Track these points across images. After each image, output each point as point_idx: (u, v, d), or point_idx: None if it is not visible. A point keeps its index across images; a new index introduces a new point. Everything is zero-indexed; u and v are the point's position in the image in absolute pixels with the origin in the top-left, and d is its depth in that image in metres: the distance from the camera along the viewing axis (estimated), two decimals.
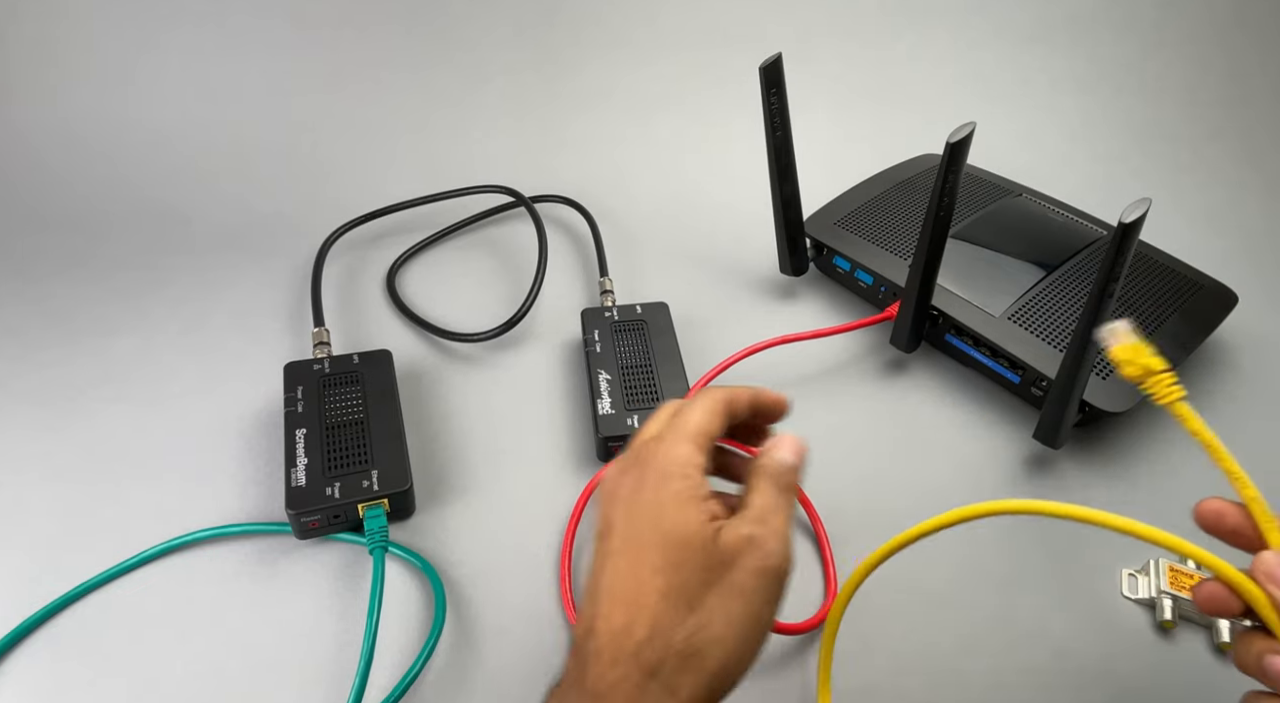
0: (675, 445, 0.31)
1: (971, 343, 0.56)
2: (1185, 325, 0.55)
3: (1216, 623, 0.43)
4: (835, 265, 0.63)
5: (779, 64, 0.52)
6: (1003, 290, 0.56)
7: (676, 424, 0.32)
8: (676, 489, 0.30)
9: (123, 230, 0.69)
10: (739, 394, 0.34)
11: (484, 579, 0.46)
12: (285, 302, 0.63)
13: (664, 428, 0.33)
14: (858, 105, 0.83)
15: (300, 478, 0.46)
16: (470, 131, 0.80)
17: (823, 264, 0.65)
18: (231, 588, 0.45)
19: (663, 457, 0.31)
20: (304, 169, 0.75)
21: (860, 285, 0.62)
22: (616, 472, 0.32)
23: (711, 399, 0.33)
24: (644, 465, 0.31)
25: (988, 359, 0.55)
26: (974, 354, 0.56)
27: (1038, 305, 0.55)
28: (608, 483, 0.32)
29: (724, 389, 0.34)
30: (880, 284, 0.60)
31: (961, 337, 0.56)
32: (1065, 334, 0.53)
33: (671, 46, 0.82)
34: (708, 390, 0.34)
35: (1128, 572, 0.46)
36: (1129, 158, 0.79)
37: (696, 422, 0.32)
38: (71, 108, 0.75)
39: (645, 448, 0.32)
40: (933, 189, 0.48)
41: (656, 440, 0.32)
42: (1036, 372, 0.52)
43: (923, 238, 0.50)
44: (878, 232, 0.62)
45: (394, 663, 0.41)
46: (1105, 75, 0.83)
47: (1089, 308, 0.42)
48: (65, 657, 0.42)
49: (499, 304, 0.63)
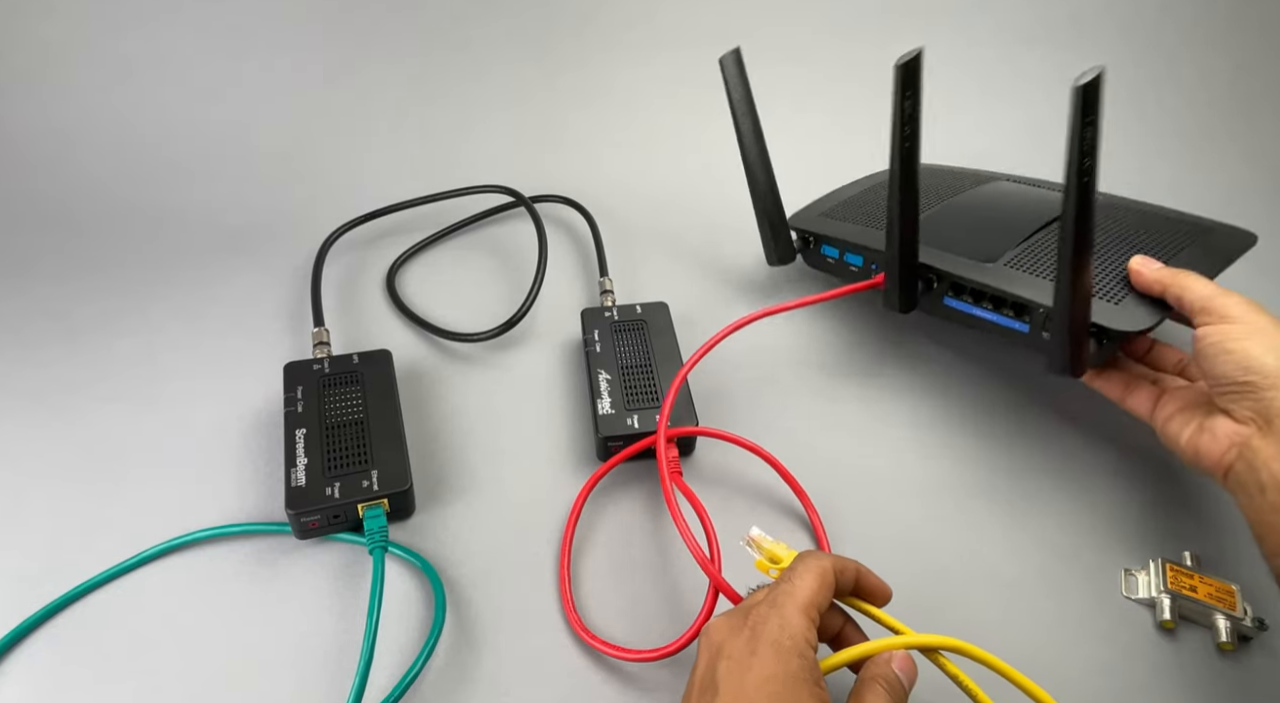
0: (792, 616, 0.32)
1: (972, 300, 0.52)
2: (1204, 255, 0.52)
3: (1216, 623, 0.43)
4: (825, 256, 0.61)
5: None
6: (998, 243, 0.53)
7: (789, 592, 0.33)
8: (793, 670, 0.30)
9: (123, 230, 0.69)
10: (846, 568, 0.35)
11: (484, 579, 0.46)
12: (285, 302, 0.63)
13: (775, 593, 0.33)
14: (858, 105, 0.83)
15: (300, 478, 0.46)
16: (470, 131, 0.80)
17: (812, 258, 0.63)
18: (231, 588, 0.45)
19: (778, 628, 0.31)
20: (304, 169, 0.75)
21: (852, 270, 0.60)
22: (725, 627, 0.33)
23: (822, 569, 0.34)
24: (758, 632, 0.31)
25: (991, 313, 0.51)
26: (976, 312, 0.52)
27: (1037, 251, 0.52)
28: (714, 636, 0.33)
29: (832, 559, 0.35)
30: (871, 262, 0.58)
31: (960, 296, 0.53)
32: None
33: (671, 46, 0.82)
34: (817, 558, 0.35)
35: (1128, 572, 0.46)
36: (1129, 158, 0.79)
37: (809, 593, 0.33)
38: (71, 107, 0.75)
39: (757, 613, 0.32)
40: (891, 118, 0.44)
41: (770, 606, 0.32)
42: (1046, 310, 0.47)
43: (891, 174, 0.47)
44: (865, 216, 0.60)
45: (394, 663, 0.41)
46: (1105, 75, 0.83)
47: (1070, 188, 0.39)
48: (65, 657, 0.42)
49: (499, 304, 0.63)
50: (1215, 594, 0.44)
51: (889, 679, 0.32)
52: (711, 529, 0.45)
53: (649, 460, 0.52)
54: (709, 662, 0.32)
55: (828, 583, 0.34)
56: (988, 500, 0.50)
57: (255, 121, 0.77)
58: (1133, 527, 0.49)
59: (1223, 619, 0.43)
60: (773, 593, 0.33)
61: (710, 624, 0.34)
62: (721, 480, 0.51)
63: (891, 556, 0.47)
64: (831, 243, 0.60)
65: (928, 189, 0.60)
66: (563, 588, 0.45)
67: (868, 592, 0.37)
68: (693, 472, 0.51)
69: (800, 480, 0.50)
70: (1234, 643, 0.42)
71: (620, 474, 0.51)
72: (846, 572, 0.35)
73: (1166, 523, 0.49)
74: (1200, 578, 0.45)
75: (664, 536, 0.48)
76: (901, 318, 0.60)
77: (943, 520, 0.49)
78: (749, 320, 0.53)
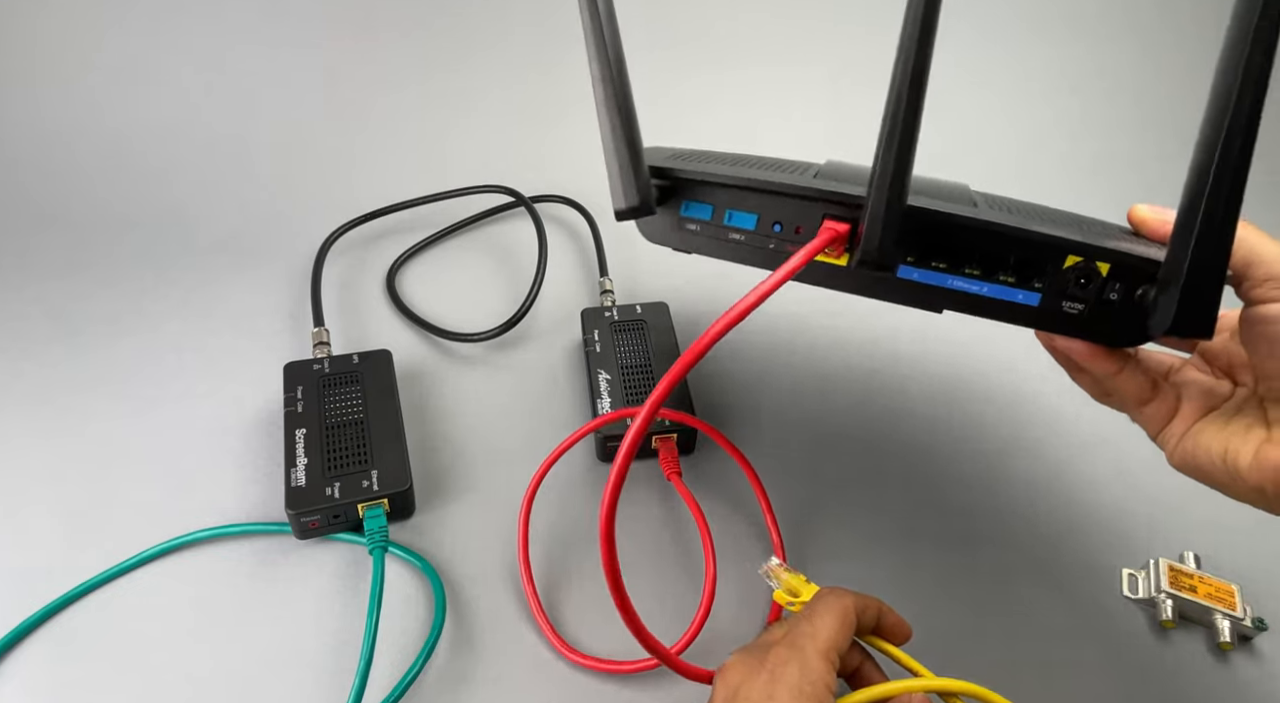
0: (811, 660, 0.31)
1: (947, 267, 0.34)
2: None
3: (1217, 623, 0.43)
4: (687, 219, 0.40)
5: None
6: (954, 192, 0.38)
7: (809, 633, 0.32)
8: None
9: (123, 230, 0.69)
10: (869, 606, 0.35)
11: (484, 579, 0.46)
12: (285, 302, 0.63)
13: (795, 634, 0.32)
14: (857, 105, 0.82)
15: (300, 478, 0.46)
16: (470, 131, 0.80)
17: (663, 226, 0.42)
18: (231, 588, 0.45)
19: (798, 673, 0.31)
20: (304, 169, 0.75)
21: (735, 239, 0.39)
22: (743, 668, 0.32)
23: (844, 609, 0.33)
24: (777, 676, 0.31)
25: (986, 284, 0.34)
26: (955, 285, 0.35)
27: (1005, 205, 0.37)
28: (730, 678, 0.32)
29: (854, 598, 0.34)
30: (774, 221, 0.37)
31: (931, 263, 0.34)
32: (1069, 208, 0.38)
33: (670, 45, 0.82)
34: (838, 597, 0.34)
35: (1128, 572, 0.46)
36: (1129, 158, 0.79)
37: (830, 634, 0.32)
38: (71, 107, 0.75)
39: (776, 654, 0.32)
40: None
41: (789, 648, 0.32)
42: (1082, 255, 0.32)
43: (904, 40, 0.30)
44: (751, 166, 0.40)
45: (394, 663, 0.41)
46: (1105, 75, 0.83)
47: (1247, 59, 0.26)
48: (65, 657, 0.42)
49: (499, 304, 0.63)
50: (1215, 594, 0.44)
51: None
52: (707, 532, 0.45)
53: (650, 460, 0.52)
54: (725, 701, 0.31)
55: (849, 623, 0.33)
56: (987, 500, 0.50)
57: (255, 121, 0.77)
58: (1133, 527, 0.49)
59: (1223, 619, 0.43)
60: (792, 633, 0.32)
61: (727, 665, 0.33)
62: (723, 481, 0.51)
63: (891, 554, 0.47)
64: (703, 197, 0.39)
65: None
66: (531, 603, 0.44)
67: (888, 631, 0.36)
68: (693, 471, 0.51)
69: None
70: (1234, 643, 0.42)
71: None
72: (868, 610, 0.35)
73: (1166, 523, 0.49)
74: (1200, 578, 0.45)
75: (664, 537, 0.48)
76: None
77: (942, 520, 0.49)
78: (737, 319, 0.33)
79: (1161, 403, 0.35)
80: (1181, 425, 0.34)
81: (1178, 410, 0.34)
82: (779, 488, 0.50)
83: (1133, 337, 0.33)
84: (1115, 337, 0.34)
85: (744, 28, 0.83)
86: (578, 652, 0.42)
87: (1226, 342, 0.35)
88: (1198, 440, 0.33)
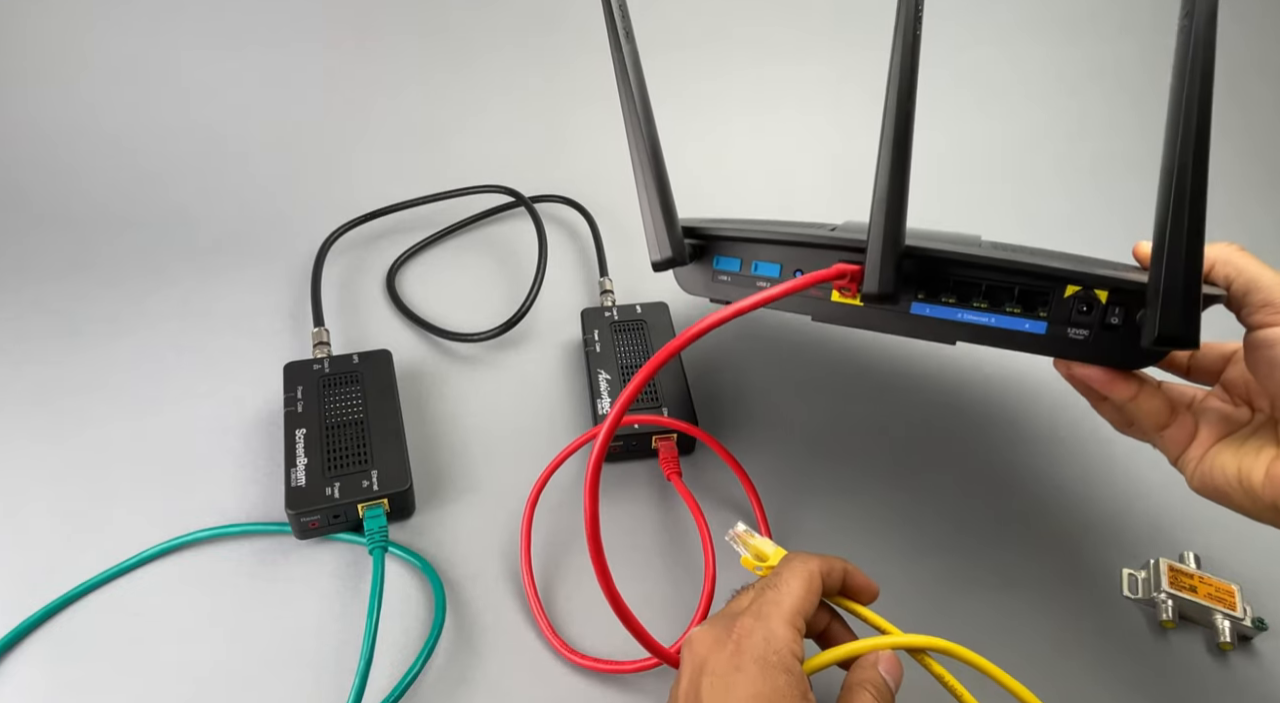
0: (777, 628, 0.31)
1: (956, 301, 0.38)
2: None
3: (1217, 623, 0.43)
4: (719, 271, 0.46)
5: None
6: (965, 240, 0.42)
7: (774, 600, 0.32)
8: (780, 687, 0.29)
9: (123, 230, 0.69)
10: (834, 569, 0.35)
11: (484, 579, 0.46)
12: (285, 302, 0.63)
13: (760, 602, 0.32)
14: (857, 105, 0.83)
15: (300, 478, 0.46)
16: (470, 131, 0.80)
17: (695, 278, 0.47)
18: (231, 588, 0.45)
19: (763, 642, 0.30)
20: (304, 169, 0.75)
21: (760, 286, 0.44)
22: (709, 639, 0.32)
23: (808, 573, 0.33)
24: (742, 646, 0.30)
25: (993, 316, 0.37)
26: (965, 318, 0.38)
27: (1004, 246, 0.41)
28: (697, 648, 0.32)
29: (819, 561, 0.34)
30: (795, 268, 0.43)
31: (940, 298, 0.38)
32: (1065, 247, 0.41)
33: (671, 45, 0.82)
34: (803, 561, 0.34)
35: (1128, 572, 0.46)
36: (1129, 158, 0.79)
37: (795, 601, 0.32)
38: (71, 107, 0.75)
39: (742, 625, 0.31)
40: (893, 44, 0.35)
41: (754, 617, 0.31)
42: (1080, 284, 0.35)
43: (890, 82, 0.35)
44: (769, 229, 0.44)
45: (394, 663, 0.41)
46: (1105, 75, 0.83)
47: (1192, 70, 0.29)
48: (65, 657, 0.42)
49: (499, 304, 0.63)
50: (1215, 594, 0.44)
51: (876, 684, 0.32)
52: (707, 532, 0.45)
53: (650, 460, 0.52)
54: (692, 677, 0.31)
55: (814, 588, 0.33)
56: (986, 500, 0.50)
57: (255, 121, 0.77)
58: (1133, 527, 0.49)
59: (1223, 619, 0.43)
60: (757, 601, 0.32)
61: (692, 636, 0.33)
62: (724, 481, 0.51)
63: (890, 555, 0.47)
64: (731, 252, 0.45)
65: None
66: (532, 603, 0.44)
67: (854, 590, 0.36)
68: (693, 471, 0.51)
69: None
70: (1234, 643, 0.42)
71: (620, 477, 0.51)
72: (834, 573, 0.35)
73: (1166, 523, 0.49)
74: (1200, 578, 0.45)
75: (663, 539, 0.48)
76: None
77: (940, 521, 0.49)
78: (699, 332, 0.35)
79: (1180, 428, 0.36)
80: (1199, 449, 0.35)
81: (1196, 435, 0.36)
82: (774, 492, 0.50)
83: (1139, 358, 0.35)
84: (1123, 359, 0.36)
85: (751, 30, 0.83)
86: (577, 652, 0.42)
87: (1244, 371, 0.36)
88: (1214, 463, 0.34)
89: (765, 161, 0.79)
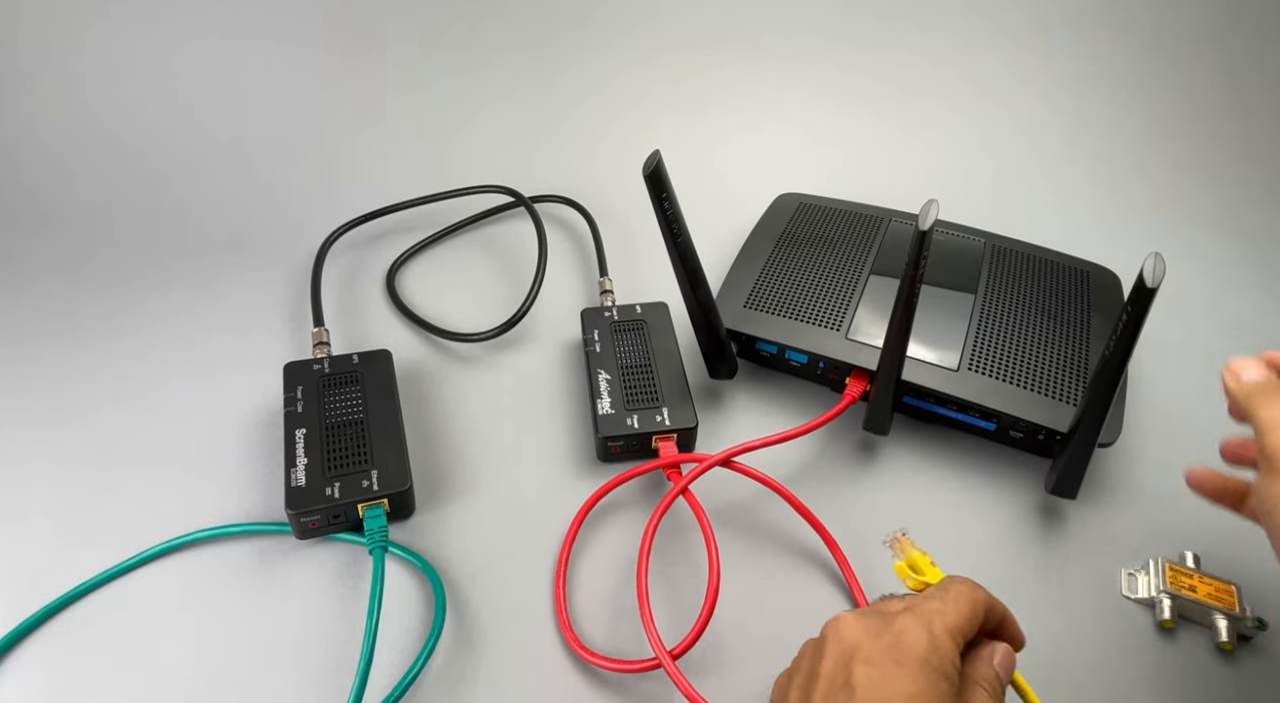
0: (942, 637, 0.31)
1: (935, 401, 0.52)
2: (1109, 308, 0.56)
3: (1216, 623, 0.43)
4: (761, 351, 0.57)
5: (660, 168, 0.45)
6: (948, 337, 0.53)
7: (939, 611, 0.32)
8: (941, 693, 0.29)
9: (123, 230, 0.69)
10: (996, 609, 0.34)
11: (484, 580, 0.46)
12: (285, 302, 0.63)
13: (923, 609, 0.32)
14: (857, 106, 0.83)
15: (300, 478, 0.46)
16: (470, 131, 0.80)
17: (746, 351, 0.58)
18: (231, 588, 0.45)
19: (928, 646, 0.30)
20: (304, 169, 0.75)
21: (793, 365, 0.57)
22: (860, 627, 0.32)
23: (976, 602, 0.33)
24: (903, 643, 0.30)
25: (957, 414, 0.52)
26: (941, 412, 0.53)
27: (984, 344, 0.53)
28: (845, 633, 0.32)
29: (985, 596, 0.34)
30: (817, 361, 0.55)
31: (923, 397, 0.52)
32: (1021, 371, 0.51)
33: (671, 46, 0.82)
34: (973, 589, 0.34)
35: (1128, 572, 0.46)
36: (1129, 158, 0.79)
37: (961, 620, 0.32)
38: (71, 108, 0.75)
39: (902, 623, 0.31)
40: (902, 277, 0.43)
41: (917, 620, 0.31)
42: (1011, 418, 0.50)
43: (893, 321, 0.45)
44: (788, 304, 0.56)
45: (394, 663, 0.41)
46: (1105, 75, 0.83)
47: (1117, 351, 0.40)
48: (65, 657, 0.42)
49: (499, 304, 0.63)
50: (1215, 594, 0.44)
51: (989, 680, 0.32)
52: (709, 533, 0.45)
53: None
54: (842, 660, 0.31)
55: (978, 617, 0.33)
56: (985, 500, 0.50)
57: (255, 121, 0.77)
58: (1133, 527, 0.49)
59: (1223, 619, 0.43)
60: (921, 607, 0.32)
61: (841, 619, 0.32)
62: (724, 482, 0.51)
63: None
64: (770, 342, 0.56)
65: (837, 248, 0.61)
66: (558, 599, 0.44)
67: (1005, 638, 0.35)
68: None
69: None
70: (1234, 643, 0.42)
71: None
72: (994, 613, 0.34)
73: (1166, 523, 0.49)
74: (1200, 578, 0.45)
75: (662, 542, 0.48)
76: None
77: (941, 520, 0.49)
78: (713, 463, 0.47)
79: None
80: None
81: None
82: None
83: (1053, 456, 0.51)
84: (1042, 453, 0.52)
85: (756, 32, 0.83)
86: (578, 652, 0.42)
87: None
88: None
89: (766, 161, 0.79)
